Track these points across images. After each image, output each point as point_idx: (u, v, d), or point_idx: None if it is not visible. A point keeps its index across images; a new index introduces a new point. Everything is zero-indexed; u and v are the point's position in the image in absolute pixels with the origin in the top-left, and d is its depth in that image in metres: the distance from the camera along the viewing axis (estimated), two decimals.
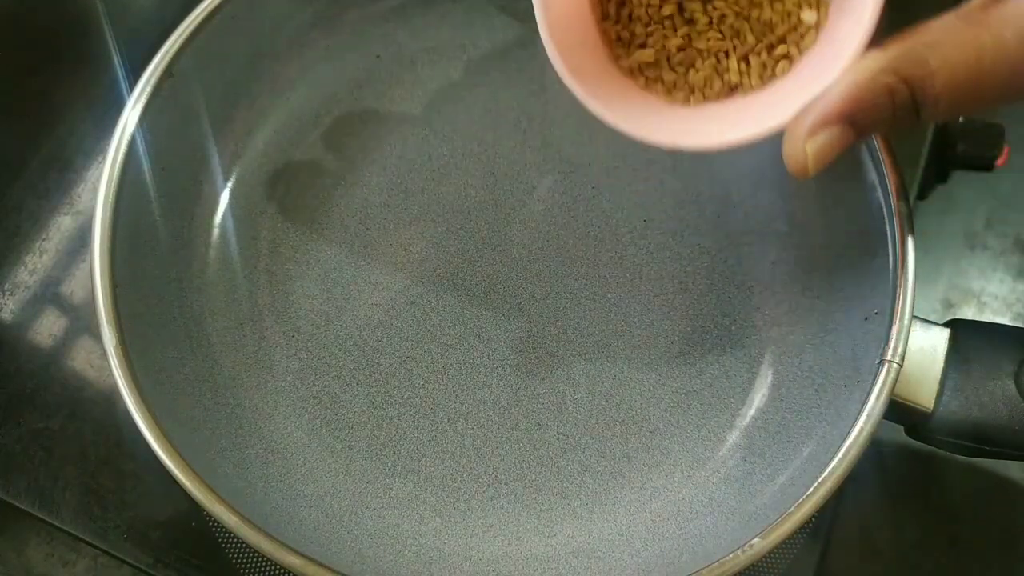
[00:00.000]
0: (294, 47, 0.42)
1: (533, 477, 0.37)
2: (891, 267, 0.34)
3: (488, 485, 0.37)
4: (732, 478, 0.36)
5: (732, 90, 0.33)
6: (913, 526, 0.42)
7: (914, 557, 0.41)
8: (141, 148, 0.36)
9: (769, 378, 0.38)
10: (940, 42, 0.24)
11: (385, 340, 0.39)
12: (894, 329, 0.33)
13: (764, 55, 0.32)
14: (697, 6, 0.32)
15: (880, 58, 0.26)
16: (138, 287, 0.35)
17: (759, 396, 0.38)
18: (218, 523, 0.31)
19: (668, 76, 0.33)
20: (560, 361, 0.39)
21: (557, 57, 0.30)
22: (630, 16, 0.33)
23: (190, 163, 0.39)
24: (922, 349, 0.34)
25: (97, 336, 0.33)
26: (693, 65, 0.33)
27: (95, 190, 0.35)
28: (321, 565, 0.30)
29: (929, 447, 0.35)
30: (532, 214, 0.41)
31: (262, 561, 0.37)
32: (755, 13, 0.32)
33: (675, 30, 0.33)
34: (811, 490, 0.31)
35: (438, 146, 0.43)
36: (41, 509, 0.39)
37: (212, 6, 0.38)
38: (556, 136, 0.43)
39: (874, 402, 0.32)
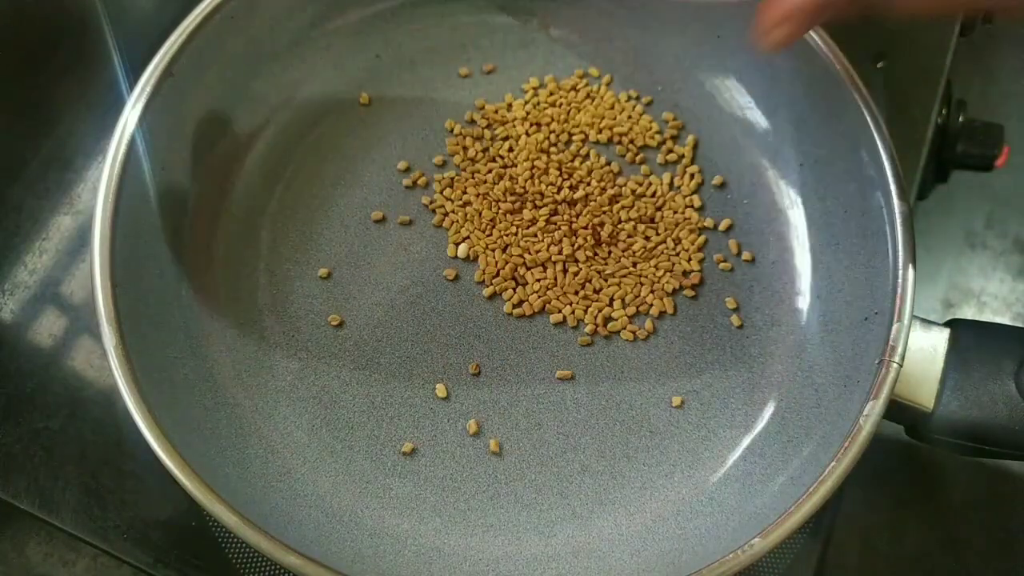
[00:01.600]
0: (294, 47, 0.42)
1: (533, 477, 0.37)
2: (891, 267, 0.35)
3: (488, 485, 0.37)
4: (732, 478, 0.36)
5: None
6: (913, 526, 0.42)
7: (914, 557, 0.41)
8: (141, 147, 0.36)
9: (769, 378, 0.38)
10: None
11: (385, 340, 0.39)
12: (894, 329, 0.33)
13: None
14: None
15: None
16: (138, 287, 0.35)
17: (759, 396, 0.38)
18: (218, 523, 0.31)
19: None
20: (560, 361, 0.39)
21: None
22: None
23: (189, 162, 0.39)
24: (922, 349, 0.34)
25: (97, 336, 0.33)
26: None
27: (95, 190, 0.35)
28: (321, 565, 0.30)
29: (929, 447, 0.35)
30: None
31: (262, 560, 0.37)
32: None
33: None
34: (811, 490, 0.31)
35: (438, 146, 0.43)
36: (41, 509, 0.39)
37: (212, 6, 0.38)
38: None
39: (874, 402, 0.32)
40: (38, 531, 0.41)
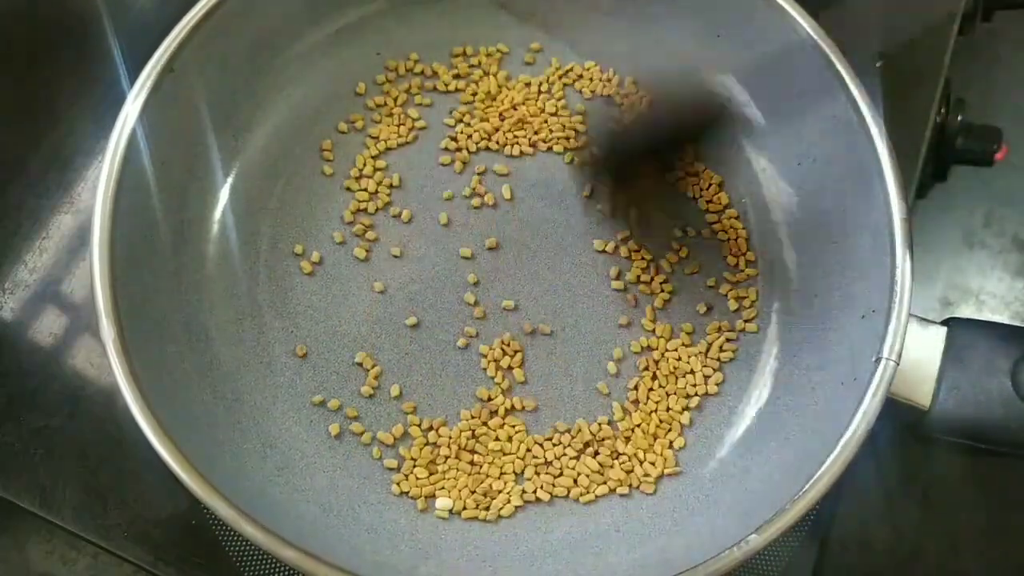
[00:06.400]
0: (294, 44, 0.43)
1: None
2: (889, 265, 0.34)
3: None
4: (729, 475, 0.36)
5: None
6: (910, 523, 0.42)
7: (911, 554, 0.41)
8: (141, 143, 0.36)
9: (767, 376, 0.38)
10: None
11: (384, 336, 0.39)
12: (891, 327, 0.33)
13: None
14: None
15: None
16: (137, 282, 0.35)
17: (756, 394, 0.38)
18: (218, 520, 0.31)
19: None
20: (559, 359, 0.39)
21: None
22: None
23: (190, 158, 0.39)
24: (919, 347, 0.34)
25: (97, 334, 0.33)
26: None
27: (95, 188, 0.35)
28: (318, 559, 0.30)
29: (926, 445, 0.35)
30: (532, 210, 0.41)
31: (262, 558, 0.38)
32: None
33: None
34: (807, 487, 0.31)
35: (437, 144, 0.43)
36: (42, 507, 0.39)
37: (212, 3, 0.38)
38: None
39: (871, 400, 0.32)
40: (39, 529, 0.41)
